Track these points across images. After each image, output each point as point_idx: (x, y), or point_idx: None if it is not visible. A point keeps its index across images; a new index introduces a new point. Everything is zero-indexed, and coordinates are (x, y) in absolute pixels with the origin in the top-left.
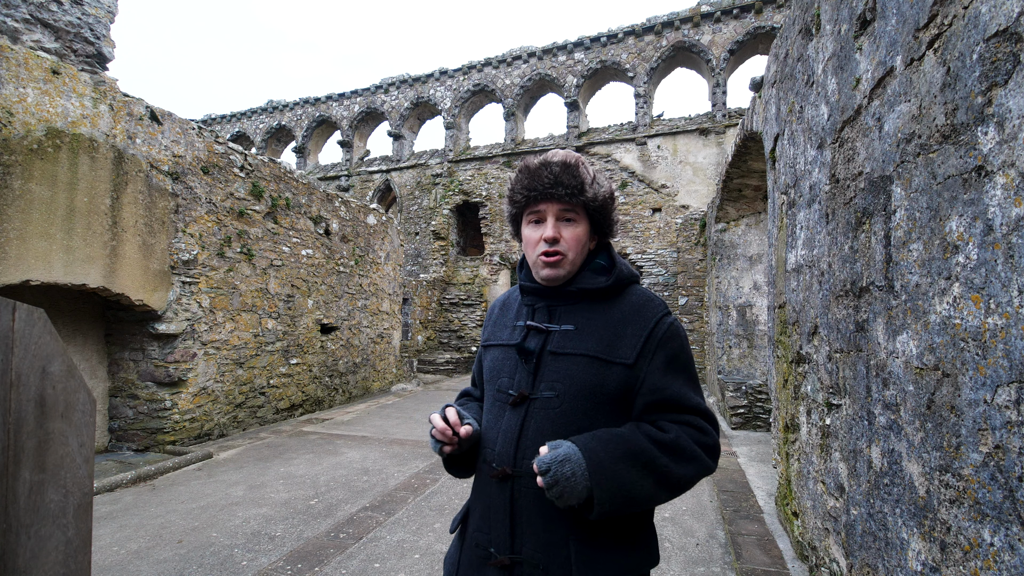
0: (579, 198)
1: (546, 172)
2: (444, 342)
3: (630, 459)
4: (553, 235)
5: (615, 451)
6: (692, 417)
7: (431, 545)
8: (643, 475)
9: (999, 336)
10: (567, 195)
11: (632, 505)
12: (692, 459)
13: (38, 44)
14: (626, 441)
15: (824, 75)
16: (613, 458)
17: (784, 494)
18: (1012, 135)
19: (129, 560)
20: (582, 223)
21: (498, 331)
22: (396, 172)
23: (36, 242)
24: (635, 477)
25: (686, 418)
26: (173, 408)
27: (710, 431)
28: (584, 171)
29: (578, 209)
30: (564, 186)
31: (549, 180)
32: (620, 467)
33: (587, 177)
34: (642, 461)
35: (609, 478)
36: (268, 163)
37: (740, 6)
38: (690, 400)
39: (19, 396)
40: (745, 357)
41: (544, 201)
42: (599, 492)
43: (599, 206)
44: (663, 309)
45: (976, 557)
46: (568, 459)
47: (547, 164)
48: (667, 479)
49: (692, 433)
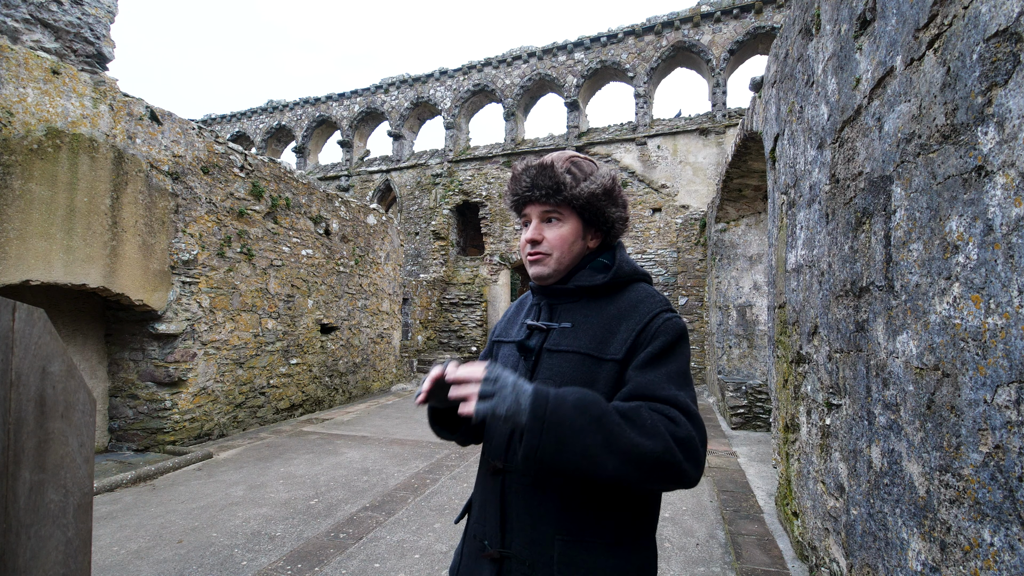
0: (557, 198)
1: (524, 176)
2: (444, 342)
3: (579, 407)
4: (532, 237)
5: (567, 395)
6: (665, 407)
7: (431, 545)
8: (590, 428)
9: (999, 336)
10: (544, 196)
11: (568, 456)
12: (652, 435)
13: (38, 44)
14: (582, 393)
15: (824, 75)
16: (561, 399)
17: (784, 494)
18: (1012, 135)
19: (129, 560)
20: (569, 222)
21: (509, 328)
22: (396, 172)
23: (36, 242)
24: (579, 424)
25: (657, 406)
26: (173, 408)
27: (684, 423)
28: (564, 170)
29: (562, 208)
30: (540, 188)
31: (526, 184)
32: (566, 409)
33: (568, 176)
34: (593, 413)
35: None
36: (268, 163)
37: (740, 6)
38: (664, 390)
39: (19, 396)
40: (745, 357)
41: (527, 204)
42: (530, 420)
43: (585, 203)
44: (662, 306)
45: (976, 557)
46: (517, 382)
47: (527, 168)
48: (617, 443)
49: (660, 418)
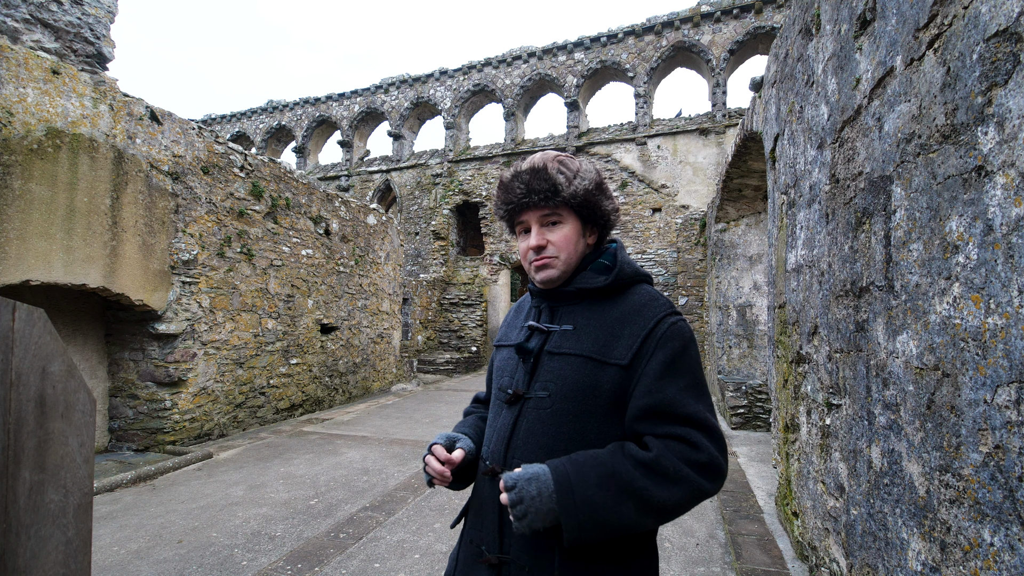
0: (556, 199)
1: (518, 183)
2: (444, 342)
3: (604, 482)
4: (537, 243)
5: (588, 474)
6: (685, 429)
7: (431, 545)
8: (619, 500)
9: (999, 336)
10: (542, 200)
11: (610, 532)
12: (677, 481)
13: (38, 44)
14: (601, 463)
15: (824, 75)
16: (585, 482)
17: (784, 494)
18: (1012, 135)
19: (129, 560)
20: (569, 222)
21: (509, 332)
22: (396, 172)
23: (36, 242)
24: (610, 503)
25: (677, 430)
26: (173, 408)
27: (705, 446)
28: (556, 171)
29: (561, 210)
30: (537, 192)
31: (522, 190)
32: (592, 491)
33: (561, 175)
34: (618, 485)
35: (579, 503)
36: (268, 163)
37: (740, 6)
38: (684, 408)
39: (19, 396)
40: (745, 357)
41: (524, 211)
42: (565, 518)
43: (582, 200)
44: (666, 309)
45: (976, 557)
46: (536, 478)
47: (518, 174)
48: (648, 504)
49: (680, 449)
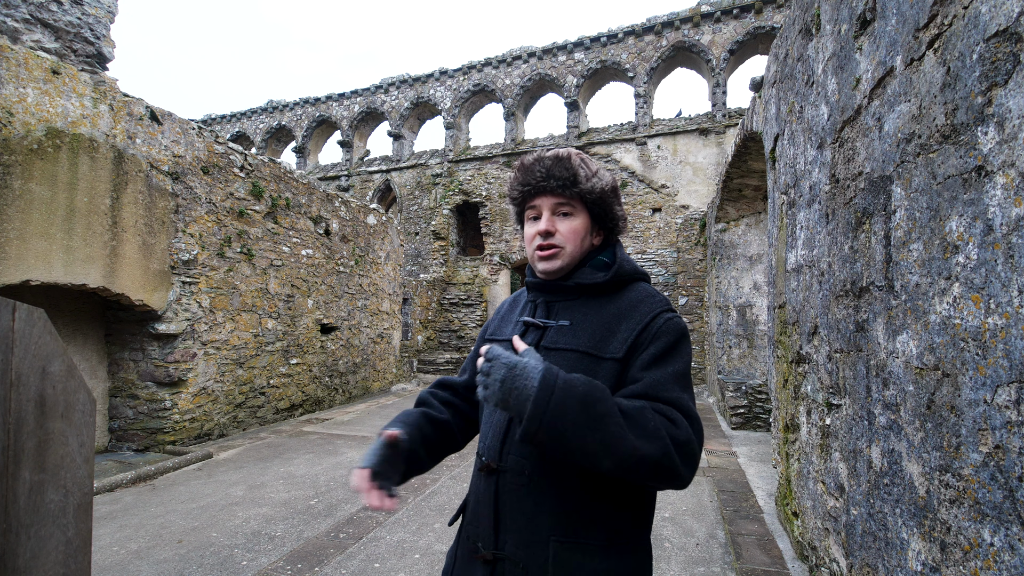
0: (573, 190)
1: (539, 167)
2: (444, 342)
3: (585, 402)
4: (547, 228)
5: (574, 388)
6: (666, 408)
7: (431, 545)
8: (591, 425)
9: (999, 336)
10: (560, 187)
11: (565, 450)
12: (652, 438)
13: (38, 44)
14: (593, 388)
15: (824, 75)
16: (567, 391)
17: (784, 494)
18: (1012, 135)
19: (129, 560)
20: (580, 216)
21: (503, 326)
22: (396, 172)
23: (36, 242)
24: (581, 420)
25: (660, 407)
26: (173, 408)
27: (684, 426)
28: (578, 164)
29: (575, 202)
30: (556, 178)
31: (541, 173)
32: (570, 402)
33: (582, 170)
34: (597, 411)
35: (552, 405)
36: (268, 163)
37: (740, 6)
38: (669, 392)
39: (19, 396)
40: (745, 357)
41: (539, 195)
42: (533, 408)
43: (597, 198)
44: (662, 306)
45: (976, 557)
46: (518, 366)
47: (540, 159)
48: (615, 446)
49: (662, 420)
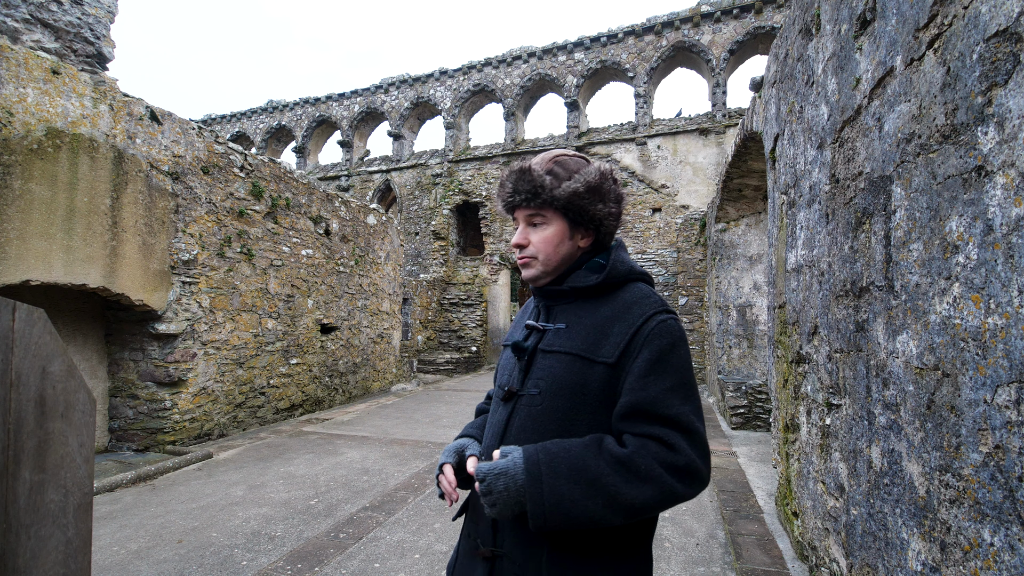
0: (537, 201)
1: (508, 182)
2: (444, 342)
3: (573, 475)
4: (518, 241)
5: (560, 465)
6: (664, 430)
7: (431, 545)
8: (587, 495)
9: (999, 336)
10: (524, 201)
11: (575, 525)
12: (647, 480)
13: (38, 44)
14: (575, 456)
15: (824, 75)
16: (555, 472)
17: (784, 494)
18: (1012, 135)
19: (129, 560)
20: (553, 223)
21: (514, 331)
22: (396, 172)
23: (36, 242)
24: (577, 496)
25: (656, 431)
26: (173, 408)
27: (683, 449)
28: (547, 171)
29: (545, 211)
30: (520, 192)
31: (509, 189)
32: (562, 483)
33: (548, 178)
34: (587, 478)
35: (546, 493)
36: (268, 163)
37: (740, 6)
38: (667, 408)
39: (19, 396)
40: (745, 357)
41: (516, 209)
42: (532, 506)
43: (566, 202)
44: (657, 307)
45: (976, 557)
46: (505, 472)
47: (509, 174)
48: (616, 502)
49: (657, 449)
